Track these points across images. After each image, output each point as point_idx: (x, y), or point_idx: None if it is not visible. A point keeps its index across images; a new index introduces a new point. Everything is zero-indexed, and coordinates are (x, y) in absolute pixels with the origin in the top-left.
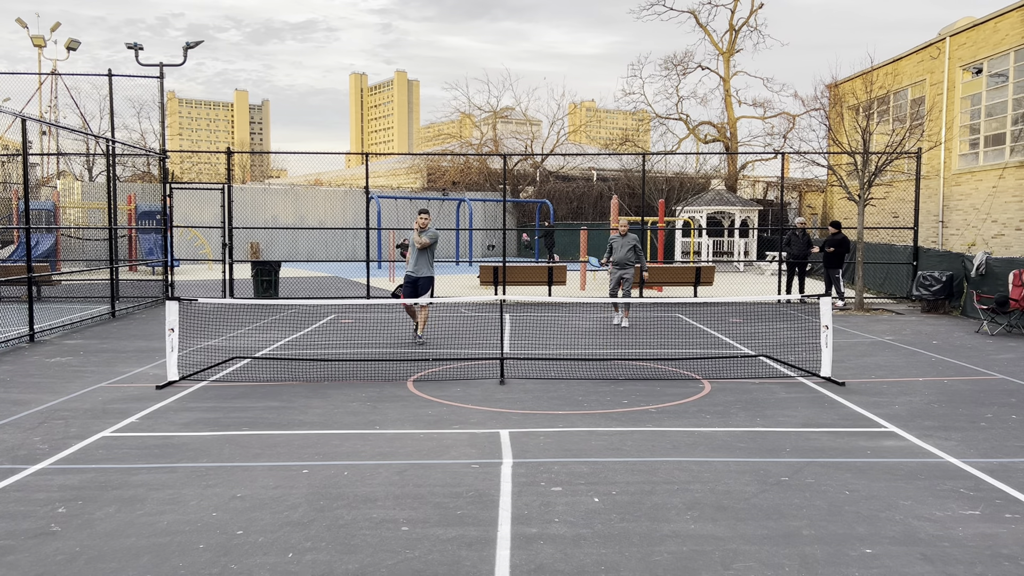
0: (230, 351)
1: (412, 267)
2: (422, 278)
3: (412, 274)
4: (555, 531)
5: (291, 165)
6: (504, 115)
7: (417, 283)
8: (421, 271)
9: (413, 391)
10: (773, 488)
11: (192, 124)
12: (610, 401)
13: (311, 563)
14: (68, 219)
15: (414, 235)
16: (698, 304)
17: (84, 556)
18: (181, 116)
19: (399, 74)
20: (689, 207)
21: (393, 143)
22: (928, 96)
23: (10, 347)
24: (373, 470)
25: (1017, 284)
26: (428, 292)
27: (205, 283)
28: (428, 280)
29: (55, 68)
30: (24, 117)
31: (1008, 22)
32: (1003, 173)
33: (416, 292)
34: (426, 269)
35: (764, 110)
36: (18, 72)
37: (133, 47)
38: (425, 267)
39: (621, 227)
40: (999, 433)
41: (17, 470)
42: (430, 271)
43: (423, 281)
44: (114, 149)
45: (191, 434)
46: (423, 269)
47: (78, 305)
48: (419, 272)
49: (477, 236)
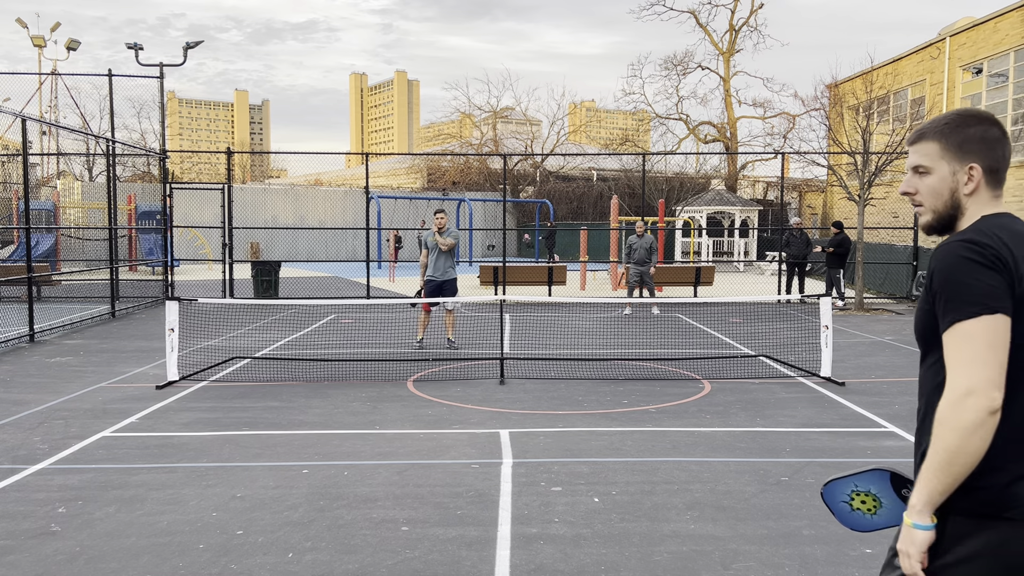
0: (230, 351)
1: (433, 270)
2: (447, 281)
3: (436, 277)
4: (555, 531)
5: (291, 165)
6: (504, 115)
7: (442, 287)
8: (446, 273)
9: (413, 391)
10: (773, 488)
11: (192, 124)
12: (610, 401)
13: (311, 563)
14: (68, 219)
15: (433, 236)
16: (698, 304)
17: (84, 556)
18: (181, 116)
19: (399, 74)
20: (689, 207)
21: (393, 143)
22: (928, 96)
23: (10, 347)
24: (373, 470)
25: None
26: (454, 295)
27: (205, 283)
28: (452, 283)
29: (55, 68)
30: (24, 117)
31: (1008, 22)
32: None
33: (441, 296)
34: (450, 271)
35: (764, 110)
36: (18, 72)
37: (133, 47)
38: (449, 269)
39: (638, 228)
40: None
41: (17, 470)
42: (454, 272)
43: (448, 284)
44: (114, 149)
45: (191, 434)
46: (447, 271)
47: (78, 305)
48: (444, 275)
49: (477, 236)
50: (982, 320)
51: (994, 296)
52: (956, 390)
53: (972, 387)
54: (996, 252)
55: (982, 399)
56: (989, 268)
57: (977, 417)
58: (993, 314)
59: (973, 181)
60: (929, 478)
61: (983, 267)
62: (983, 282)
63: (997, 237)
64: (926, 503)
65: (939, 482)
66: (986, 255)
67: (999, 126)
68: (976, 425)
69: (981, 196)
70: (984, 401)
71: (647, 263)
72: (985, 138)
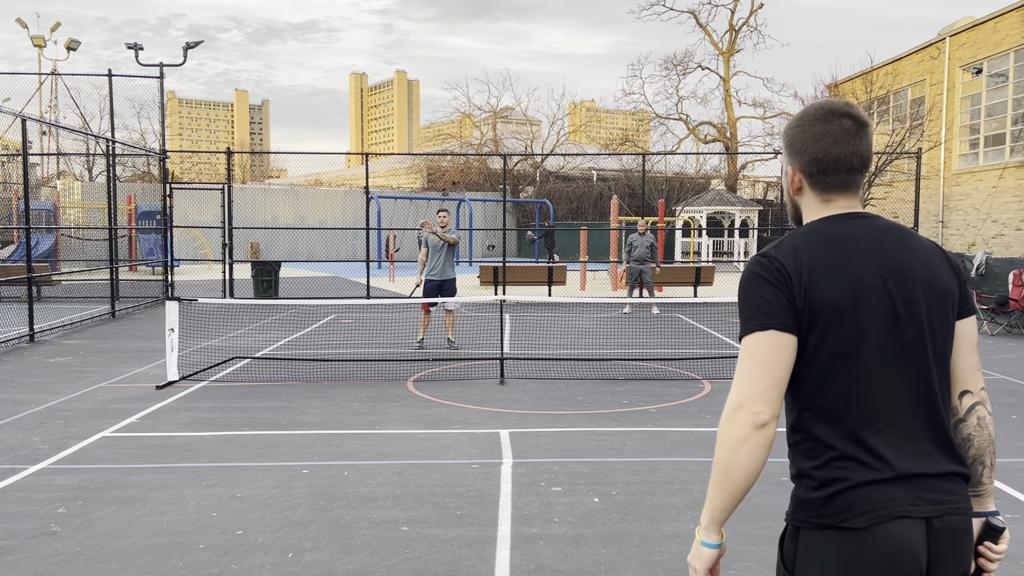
0: (230, 351)
1: (432, 270)
2: (446, 281)
3: (436, 277)
4: (555, 531)
5: (291, 165)
6: (504, 115)
7: (442, 286)
8: (445, 273)
9: (413, 391)
10: (773, 488)
11: (192, 124)
12: (610, 401)
13: (311, 563)
14: (68, 219)
15: (436, 233)
16: (698, 304)
17: (84, 556)
18: (181, 116)
19: (399, 74)
20: (689, 207)
21: (393, 143)
22: (928, 96)
23: (10, 347)
24: (373, 470)
25: (1017, 284)
26: (453, 295)
27: (205, 283)
28: (452, 283)
29: (55, 68)
30: (24, 117)
31: (1008, 22)
32: (1003, 173)
33: (441, 296)
34: (450, 271)
35: (764, 110)
36: (18, 72)
37: (133, 47)
38: (448, 269)
39: (640, 227)
40: (999, 434)
41: (17, 470)
42: (453, 273)
43: (447, 284)
44: (114, 149)
45: (191, 434)
46: (447, 271)
47: (78, 305)
48: (443, 275)
49: (477, 236)
50: (755, 336)
51: (767, 312)
52: (728, 405)
53: (740, 401)
54: (780, 265)
55: (747, 413)
56: (769, 283)
57: (742, 431)
58: (764, 330)
59: (794, 183)
60: (710, 494)
61: (765, 282)
62: (761, 297)
63: (791, 247)
64: (710, 520)
65: (718, 498)
66: (769, 269)
67: (843, 119)
68: (742, 439)
69: (807, 199)
70: (749, 415)
71: (647, 261)
72: (807, 136)
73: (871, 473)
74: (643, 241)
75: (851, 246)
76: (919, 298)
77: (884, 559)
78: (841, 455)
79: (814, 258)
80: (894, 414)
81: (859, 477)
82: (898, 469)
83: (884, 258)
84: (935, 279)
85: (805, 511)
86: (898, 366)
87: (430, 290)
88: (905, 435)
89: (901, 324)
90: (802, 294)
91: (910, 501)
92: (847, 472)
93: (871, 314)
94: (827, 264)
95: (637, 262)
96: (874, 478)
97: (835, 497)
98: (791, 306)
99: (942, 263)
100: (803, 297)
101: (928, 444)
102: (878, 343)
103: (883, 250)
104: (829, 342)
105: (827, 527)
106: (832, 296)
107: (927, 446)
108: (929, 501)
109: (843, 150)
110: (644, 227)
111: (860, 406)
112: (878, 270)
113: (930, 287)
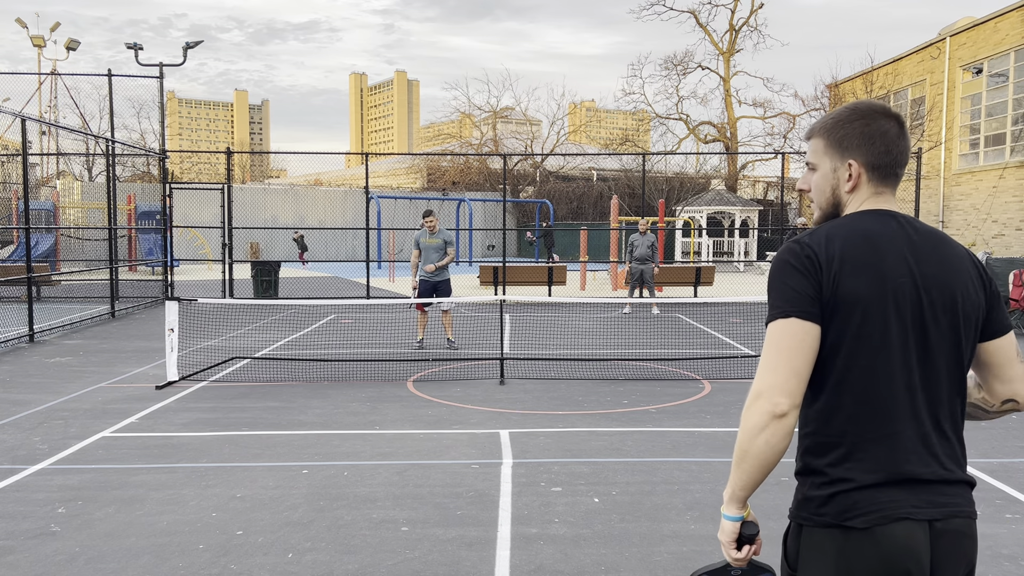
0: (230, 351)
1: (425, 271)
2: (441, 282)
3: (430, 278)
4: (555, 531)
5: (291, 165)
6: (504, 115)
7: (436, 287)
8: (440, 274)
9: (413, 391)
10: (773, 488)
11: (192, 124)
12: (610, 401)
13: (311, 563)
14: (68, 219)
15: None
16: (698, 304)
17: (84, 556)
18: (181, 116)
19: (399, 74)
20: (689, 207)
21: (393, 143)
22: (928, 96)
23: (10, 347)
24: (373, 470)
25: (1017, 284)
26: (448, 295)
27: (205, 283)
28: (446, 283)
29: (55, 68)
30: (24, 117)
31: (1008, 22)
32: (1003, 173)
33: (435, 297)
34: (443, 272)
35: (764, 110)
36: (18, 72)
37: (133, 47)
38: (442, 270)
39: (641, 226)
40: (999, 433)
41: (17, 470)
42: (447, 273)
43: (442, 285)
44: (114, 149)
45: (191, 434)
46: (440, 272)
47: (78, 305)
48: (437, 275)
49: (477, 236)
50: (778, 323)
51: (792, 300)
52: (751, 392)
53: (760, 390)
54: (812, 252)
55: (766, 403)
56: (798, 271)
57: (760, 420)
58: (787, 318)
59: (852, 178)
60: (732, 472)
61: (794, 270)
62: (788, 285)
63: (825, 237)
64: (731, 497)
65: (737, 478)
66: (800, 256)
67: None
68: (759, 428)
69: (861, 193)
70: (767, 405)
71: (648, 260)
72: (866, 133)
73: (877, 475)
74: (644, 240)
75: (885, 244)
76: (946, 304)
77: (885, 559)
78: (849, 454)
79: (847, 249)
80: (907, 417)
81: (865, 479)
82: (905, 472)
83: (917, 260)
84: (965, 288)
85: (808, 509)
86: (917, 369)
87: (425, 290)
88: (916, 439)
89: (925, 327)
90: (830, 283)
91: (913, 504)
92: (853, 472)
93: (897, 313)
94: (859, 257)
95: (638, 261)
96: (879, 480)
97: (839, 496)
98: (817, 295)
99: (974, 273)
100: (831, 286)
101: (938, 450)
102: (900, 343)
103: (917, 252)
104: (851, 336)
105: (830, 525)
106: (860, 289)
107: (936, 451)
108: (933, 504)
109: (902, 146)
110: (645, 227)
111: (874, 405)
112: (909, 270)
113: (959, 294)
